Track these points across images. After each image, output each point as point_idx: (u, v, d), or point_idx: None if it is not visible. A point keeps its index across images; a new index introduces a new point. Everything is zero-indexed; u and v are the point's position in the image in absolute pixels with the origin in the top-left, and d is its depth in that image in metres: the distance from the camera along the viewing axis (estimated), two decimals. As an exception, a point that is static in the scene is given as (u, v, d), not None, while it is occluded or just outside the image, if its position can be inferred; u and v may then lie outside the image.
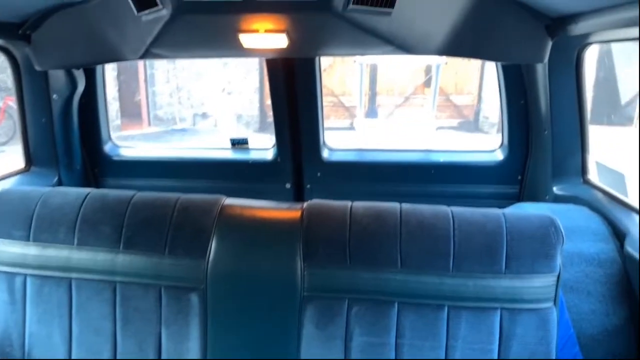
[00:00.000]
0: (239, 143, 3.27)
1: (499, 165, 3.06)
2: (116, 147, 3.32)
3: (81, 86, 2.95)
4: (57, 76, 2.85)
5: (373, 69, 15.43)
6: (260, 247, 1.80)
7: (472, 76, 14.72)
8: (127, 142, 3.49)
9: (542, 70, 2.54)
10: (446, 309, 1.65)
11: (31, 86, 2.88)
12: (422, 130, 6.54)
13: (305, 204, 1.92)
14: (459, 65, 13.97)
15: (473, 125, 14.35)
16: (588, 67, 2.54)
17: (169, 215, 1.87)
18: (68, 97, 2.92)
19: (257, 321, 1.72)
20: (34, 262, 1.80)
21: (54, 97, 2.91)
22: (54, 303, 1.78)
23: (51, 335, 1.78)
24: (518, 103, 2.84)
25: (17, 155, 3.13)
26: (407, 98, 15.25)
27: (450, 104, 14.89)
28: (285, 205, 2.02)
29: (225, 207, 1.93)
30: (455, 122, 14.54)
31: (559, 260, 1.68)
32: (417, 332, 1.66)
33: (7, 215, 1.85)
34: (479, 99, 14.39)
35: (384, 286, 1.67)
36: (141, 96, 13.28)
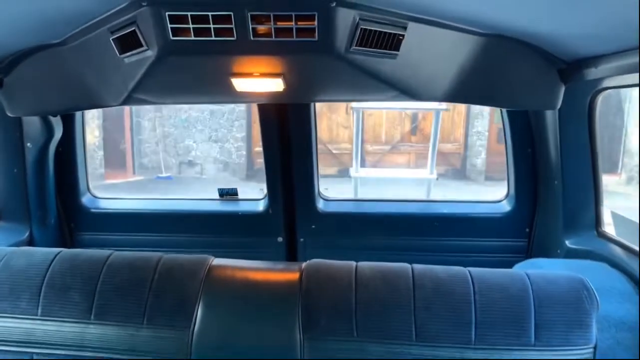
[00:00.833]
0: (228, 194, 3.07)
1: (506, 217, 2.88)
2: (95, 199, 3.09)
3: (58, 133, 2.74)
4: (31, 123, 2.65)
5: (359, 115, 15.53)
6: (252, 315, 1.59)
7: (458, 124, 14.88)
8: (109, 193, 3.27)
9: (551, 117, 2.41)
10: None
11: (3, 134, 2.68)
12: (421, 180, 6.40)
13: (304, 265, 1.72)
14: (444, 113, 14.11)
15: (460, 173, 14.41)
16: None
17: (149, 279, 1.67)
18: (43, 145, 2.71)
19: None
20: None
21: (28, 145, 2.70)
22: None
23: None
24: (525, 151, 2.69)
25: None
26: (395, 146, 15.32)
27: (437, 152, 14.96)
28: (280, 265, 1.82)
29: (213, 268, 1.74)
30: (442, 169, 14.59)
31: (594, 330, 1.49)
32: None
33: None
34: (466, 147, 14.48)
35: None
36: (127, 144, 13.12)
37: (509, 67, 1.99)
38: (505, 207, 2.91)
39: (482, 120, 14.07)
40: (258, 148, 14.71)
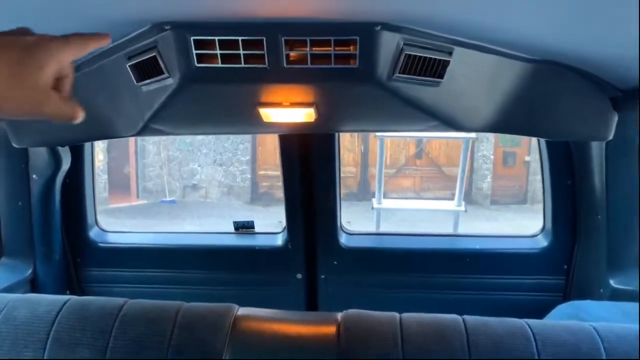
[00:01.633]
0: (244, 227, 2.88)
1: (542, 252, 2.68)
2: (103, 232, 2.90)
3: (66, 164, 2.57)
4: (38, 153, 2.48)
5: (364, 139, 15.39)
6: None
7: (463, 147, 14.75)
8: (113, 217, 3.09)
9: (597, 148, 2.24)
10: None
11: (7, 165, 2.50)
12: (448, 212, 6.02)
13: (340, 316, 1.54)
14: (447, 134, 14.02)
15: (465, 197, 14.23)
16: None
17: (168, 333, 1.49)
18: (50, 177, 2.53)
19: None
20: None
21: (34, 177, 2.53)
22: None
23: None
24: (564, 183, 2.51)
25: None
26: (400, 169, 15.19)
27: (443, 175, 14.83)
28: (314, 316, 1.63)
29: (239, 320, 1.55)
30: (448, 193, 14.41)
31: None
32: None
33: None
34: (471, 170, 14.33)
35: None
36: (131, 168, 13.00)
37: (556, 95, 1.83)
38: (542, 242, 2.71)
39: (488, 144, 13.97)
40: (262, 171, 14.59)
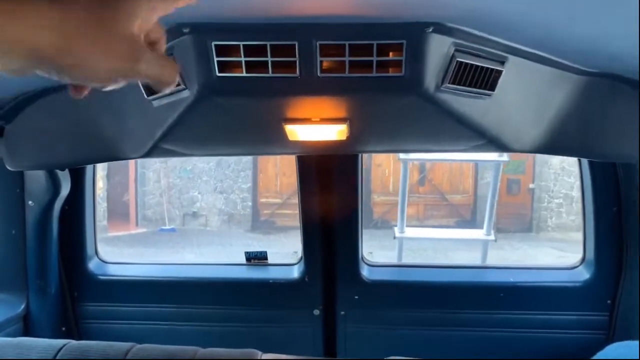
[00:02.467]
0: (256, 257, 2.66)
1: (583, 286, 2.45)
2: (103, 264, 2.66)
3: (65, 190, 2.36)
4: (34, 177, 2.27)
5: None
6: None
7: (467, 174, 14.61)
8: (111, 246, 2.86)
9: (648, 172, 2.05)
10: None
11: (1, 190, 2.30)
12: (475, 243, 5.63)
13: None
14: (452, 162, 13.90)
15: (470, 224, 14.01)
16: None
17: None
18: (47, 203, 2.32)
19: None
20: None
21: (30, 203, 2.32)
22: None
23: None
24: (610, 210, 2.30)
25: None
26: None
27: (446, 203, 14.62)
28: None
29: None
30: (452, 220, 14.17)
31: None
32: None
33: None
34: (475, 197, 14.12)
35: None
36: (130, 196, 12.79)
37: (609, 112, 1.64)
38: (583, 274, 2.48)
39: (492, 170, 13.81)
40: (264, 199, 14.38)
